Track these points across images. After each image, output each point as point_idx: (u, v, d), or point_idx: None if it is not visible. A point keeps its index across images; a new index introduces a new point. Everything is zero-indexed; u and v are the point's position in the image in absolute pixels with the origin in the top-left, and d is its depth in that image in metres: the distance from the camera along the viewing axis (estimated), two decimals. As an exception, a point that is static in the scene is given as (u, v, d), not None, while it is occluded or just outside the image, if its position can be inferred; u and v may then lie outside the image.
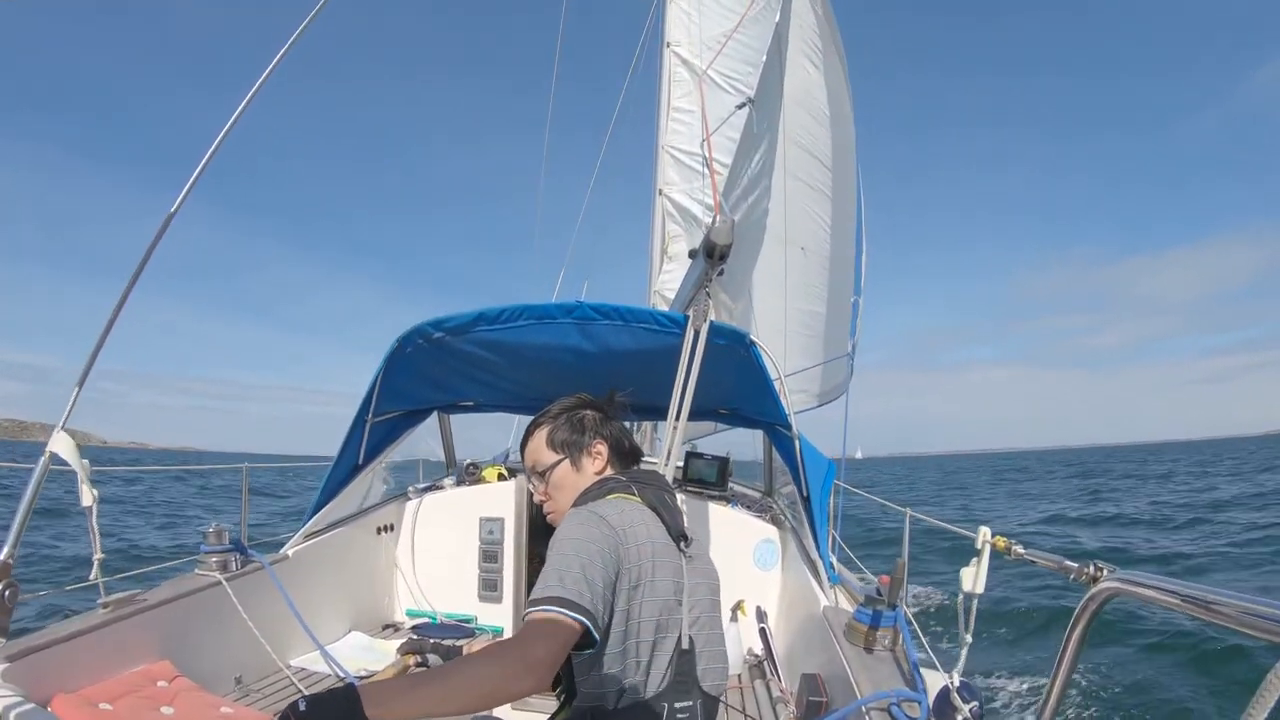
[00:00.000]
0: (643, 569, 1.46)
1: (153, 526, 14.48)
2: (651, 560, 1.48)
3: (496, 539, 3.65)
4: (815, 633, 2.53)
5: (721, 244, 2.73)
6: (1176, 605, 0.98)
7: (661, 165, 7.07)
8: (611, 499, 1.57)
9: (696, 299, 2.84)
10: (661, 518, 1.57)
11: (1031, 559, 1.76)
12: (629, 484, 1.62)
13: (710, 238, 2.76)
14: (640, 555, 1.47)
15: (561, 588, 1.28)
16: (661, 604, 1.48)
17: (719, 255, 2.77)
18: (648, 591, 1.47)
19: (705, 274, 2.84)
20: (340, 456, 3.38)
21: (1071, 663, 1.26)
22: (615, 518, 1.49)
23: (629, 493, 1.60)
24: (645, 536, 1.49)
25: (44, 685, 1.83)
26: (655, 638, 1.47)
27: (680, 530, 1.59)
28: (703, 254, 2.85)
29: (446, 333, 3.14)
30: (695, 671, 1.53)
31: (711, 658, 1.58)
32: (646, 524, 1.52)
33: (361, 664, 2.86)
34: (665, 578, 1.49)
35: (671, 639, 1.50)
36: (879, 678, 1.93)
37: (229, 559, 2.67)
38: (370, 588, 3.54)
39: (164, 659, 2.22)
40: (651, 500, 1.59)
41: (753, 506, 4.05)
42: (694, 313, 2.81)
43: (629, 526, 1.49)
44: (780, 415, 3.29)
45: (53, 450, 1.77)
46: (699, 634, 1.55)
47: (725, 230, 2.74)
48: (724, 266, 2.89)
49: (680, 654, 1.50)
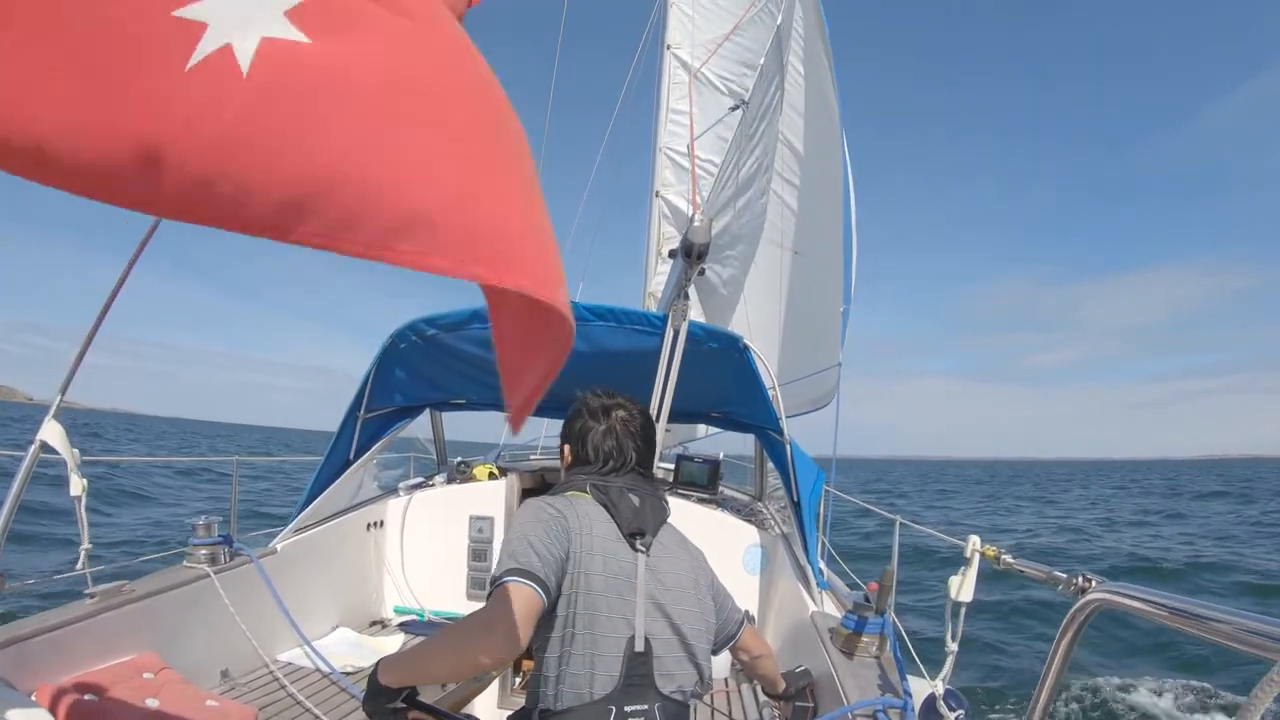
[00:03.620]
0: (580, 559, 1.49)
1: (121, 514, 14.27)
2: (589, 552, 1.50)
3: (486, 538, 3.65)
4: (803, 638, 2.54)
5: (699, 243, 2.74)
6: (1165, 618, 0.98)
7: (659, 167, 7.08)
8: (566, 495, 1.64)
9: (677, 299, 2.85)
10: (613, 515, 1.59)
11: (1020, 569, 1.77)
12: (585, 482, 1.66)
13: (688, 237, 2.77)
14: (581, 545, 1.51)
15: (512, 560, 1.41)
16: (596, 597, 1.48)
17: (696, 254, 2.77)
18: (582, 582, 1.48)
19: (684, 274, 2.85)
20: (331, 452, 3.37)
21: (1059, 672, 1.27)
22: (563, 505, 1.56)
23: (582, 490, 1.65)
24: (588, 529, 1.53)
25: (29, 675, 1.82)
26: (594, 633, 1.46)
27: (637, 528, 1.60)
28: (681, 254, 2.85)
29: (440, 330, 3.14)
30: (653, 674, 1.51)
31: (676, 661, 1.55)
32: (593, 518, 1.56)
33: (348, 660, 2.85)
34: (599, 570, 1.50)
35: (617, 639, 1.48)
36: (865, 684, 1.94)
37: (217, 552, 2.66)
38: (359, 584, 3.53)
39: (150, 651, 2.21)
40: (605, 498, 1.62)
41: (742, 510, 4.05)
42: (672, 312, 2.81)
43: (576, 516, 1.54)
44: (772, 420, 3.29)
45: (43, 438, 1.76)
46: (658, 636, 1.53)
47: (703, 230, 2.75)
48: (703, 266, 2.89)
49: (633, 655, 1.49)
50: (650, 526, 1.63)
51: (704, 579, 1.72)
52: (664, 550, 1.64)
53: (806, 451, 3.51)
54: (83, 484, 1.96)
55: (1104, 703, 6.22)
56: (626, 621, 1.50)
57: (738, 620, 1.86)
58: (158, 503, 15.22)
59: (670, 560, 1.64)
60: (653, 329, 2.93)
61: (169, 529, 11.32)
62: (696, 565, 1.72)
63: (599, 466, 1.69)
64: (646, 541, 1.60)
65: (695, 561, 1.73)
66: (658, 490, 1.73)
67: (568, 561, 1.48)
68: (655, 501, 1.69)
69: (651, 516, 1.65)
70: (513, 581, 1.36)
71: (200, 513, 2.83)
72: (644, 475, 1.73)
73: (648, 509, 1.65)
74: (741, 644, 1.88)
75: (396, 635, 3.27)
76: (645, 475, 1.74)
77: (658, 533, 1.65)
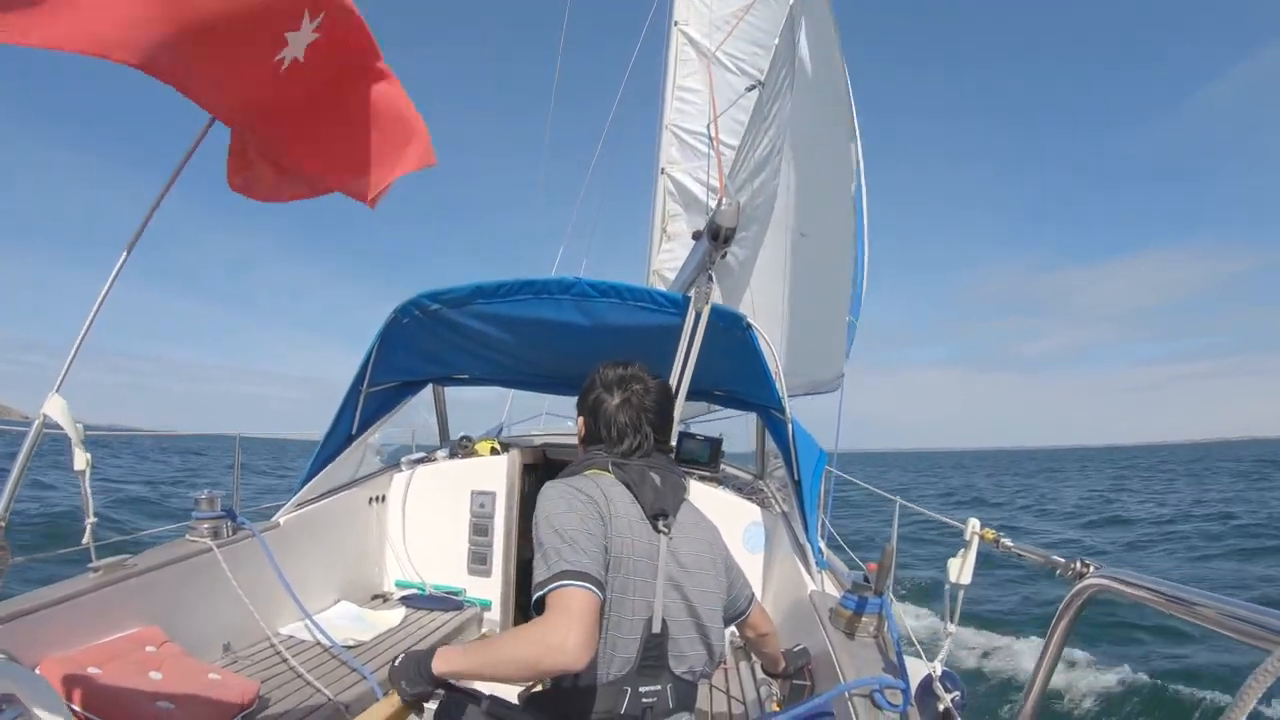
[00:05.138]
0: (624, 545, 1.48)
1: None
2: (620, 535, 1.49)
3: (488, 513, 3.66)
4: (801, 617, 2.55)
5: (726, 226, 2.71)
6: (1160, 604, 0.98)
7: (665, 144, 7.00)
8: (587, 474, 1.60)
9: (699, 281, 2.83)
10: (636, 495, 1.57)
11: (1019, 552, 1.77)
12: (607, 460, 1.63)
13: (715, 220, 2.74)
14: (620, 530, 1.48)
15: (563, 562, 1.36)
16: (623, 579, 1.47)
17: (723, 238, 2.75)
18: (628, 568, 1.47)
19: (709, 256, 2.83)
20: (334, 426, 3.38)
21: (1055, 656, 1.28)
22: (589, 489, 1.52)
23: (604, 469, 1.62)
24: (616, 512, 1.51)
25: (33, 648, 1.84)
26: (624, 617, 1.46)
27: (660, 509, 1.58)
28: (707, 236, 2.83)
29: (444, 305, 3.13)
30: (666, 655, 1.51)
31: (689, 643, 1.56)
32: (617, 499, 1.53)
33: (349, 634, 2.87)
34: (627, 554, 1.49)
35: (636, 621, 1.48)
36: (863, 664, 1.95)
37: (220, 526, 2.68)
38: (360, 558, 3.55)
39: (153, 624, 2.23)
40: (627, 477, 1.59)
41: (743, 489, 4.06)
42: (696, 294, 2.80)
43: (605, 500, 1.51)
44: (774, 399, 3.28)
45: (46, 412, 1.76)
46: (675, 618, 1.53)
47: (731, 213, 2.72)
48: (728, 249, 2.87)
49: (650, 636, 1.49)
50: (671, 507, 1.61)
51: (720, 557, 1.72)
52: (683, 531, 1.63)
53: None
54: (86, 458, 1.96)
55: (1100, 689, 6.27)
56: (646, 604, 1.49)
57: (748, 597, 1.87)
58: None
59: (689, 541, 1.63)
60: (657, 307, 2.91)
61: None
62: (714, 544, 1.72)
63: (617, 444, 1.66)
64: (669, 523, 1.59)
65: (712, 539, 1.72)
66: (676, 468, 1.72)
67: (607, 552, 1.46)
68: (675, 480, 1.67)
69: (672, 496, 1.63)
70: (573, 586, 1.33)
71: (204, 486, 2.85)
72: (663, 452, 1.71)
73: (668, 489, 1.63)
74: (750, 621, 1.89)
75: (398, 609, 3.29)
76: (664, 452, 1.72)
77: (677, 512, 1.64)
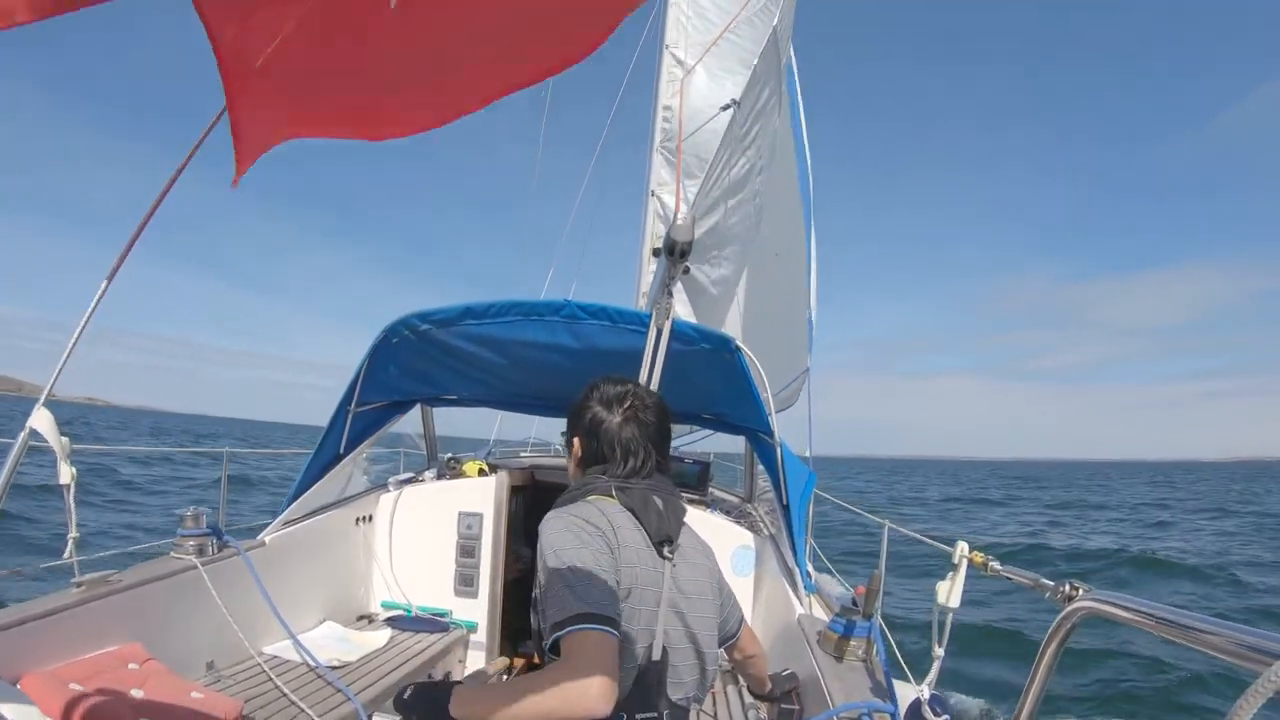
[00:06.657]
0: (632, 575, 1.45)
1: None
2: (630, 565, 1.46)
3: (475, 534, 3.64)
4: (789, 641, 2.54)
5: (681, 241, 2.73)
6: (1152, 628, 0.99)
7: (655, 165, 7.07)
8: (590, 500, 1.56)
9: (660, 298, 2.85)
10: (640, 521, 1.54)
11: (1008, 575, 1.78)
12: (610, 484, 1.59)
13: (670, 235, 2.76)
14: (629, 560, 1.46)
15: (580, 604, 1.31)
16: (641, 612, 1.46)
17: (679, 253, 2.77)
18: (635, 597, 1.45)
19: (668, 272, 2.84)
20: (321, 445, 3.36)
21: (1044, 681, 1.28)
22: (596, 518, 1.48)
23: (607, 494, 1.58)
24: (623, 542, 1.48)
25: (13, 663, 1.81)
26: (627, 646, 1.43)
27: (665, 535, 1.56)
28: (664, 252, 2.85)
29: (433, 325, 3.14)
30: (665, 682, 1.49)
31: (687, 669, 1.54)
32: (622, 527, 1.50)
33: (334, 654, 2.84)
34: (647, 585, 1.47)
35: (642, 647, 1.46)
36: (851, 688, 1.95)
37: (205, 543, 2.65)
38: (346, 578, 3.52)
39: (136, 641, 2.20)
40: (631, 502, 1.56)
41: (732, 512, 4.06)
42: (656, 311, 2.80)
43: (612, 529, 1.48)
44: (763, 422, 3.29)
45: (32, 426, 1.75)
46: (675, 645, 1.52)
47: (685, 228, 2.75)
48: (688, 265, 2.89)
49: (650, 663, 1.47)
50: (675, 532, 1.59)
51: (716, 581, 1.70)
52: (684, 556, 1.61)
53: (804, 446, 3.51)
54: (71, 473, 1.95)
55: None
56: (648, 630, 1.47)
57: (738, 619, 1.86)
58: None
59: (690, 567, 1.61)
60: (645, 329, 2.93)
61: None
62: (712, 569, 1.70)
63: (622, 464, 1.62)
64: (673, 549, 1.57)
65: (710, 563, 1.71)
66: (675, 490, 1.69)
67: (618, 585, 1.43)
68: (675, 503, 1.64)
69: (675, 521, 1.61)
70: (591, 630, 1.28)
71: (188, 504, 2.82)
72: (663, 472, 1.68)
73: (670, 513, 1.60)
74: (739, 644, 1.88)
75: (384, 630, 3.26)
76: (663, 473, 1.68)
77: (679, 537, 1.62)
